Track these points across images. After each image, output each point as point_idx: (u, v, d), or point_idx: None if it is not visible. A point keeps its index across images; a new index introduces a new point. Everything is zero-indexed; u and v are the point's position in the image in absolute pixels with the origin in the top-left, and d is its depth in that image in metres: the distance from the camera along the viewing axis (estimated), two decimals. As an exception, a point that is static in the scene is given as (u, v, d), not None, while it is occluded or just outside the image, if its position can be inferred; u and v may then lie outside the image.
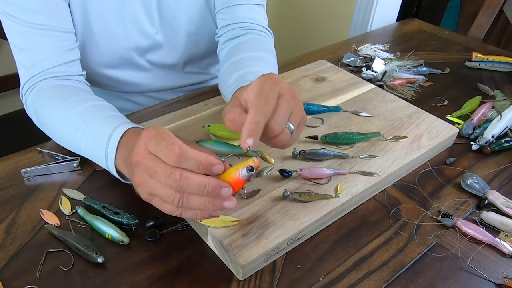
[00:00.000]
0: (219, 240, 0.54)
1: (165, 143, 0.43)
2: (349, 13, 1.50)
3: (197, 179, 0.43)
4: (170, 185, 0.43)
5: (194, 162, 0.43)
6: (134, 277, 0.53)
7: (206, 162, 0.43)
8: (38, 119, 0.68)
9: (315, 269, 0.55)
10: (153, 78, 0.89)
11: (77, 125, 0.60)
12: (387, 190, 0.68)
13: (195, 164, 0.43)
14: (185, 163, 0.43)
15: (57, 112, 0.63)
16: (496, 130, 0.77)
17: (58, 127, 0.64)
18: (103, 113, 0.61)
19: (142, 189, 0.46)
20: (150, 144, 0.44)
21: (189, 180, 0.43)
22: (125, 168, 0.55)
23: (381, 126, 0.77)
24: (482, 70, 1.06)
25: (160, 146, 0.43)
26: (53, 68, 0.67)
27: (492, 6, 1.28)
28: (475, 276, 0.56)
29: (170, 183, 0.43)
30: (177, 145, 0.42)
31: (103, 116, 0.60)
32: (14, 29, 0.66)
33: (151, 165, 0.44)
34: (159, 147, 0.43)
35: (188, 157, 0.42)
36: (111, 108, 0.64)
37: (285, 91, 0.50)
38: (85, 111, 0.62)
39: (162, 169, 0.43)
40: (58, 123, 0.63)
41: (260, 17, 0.83)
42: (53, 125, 0.65)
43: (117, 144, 0.56)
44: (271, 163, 0.67)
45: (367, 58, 1.04)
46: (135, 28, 0.78)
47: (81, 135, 0.60)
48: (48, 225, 0.58)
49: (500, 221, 0.62)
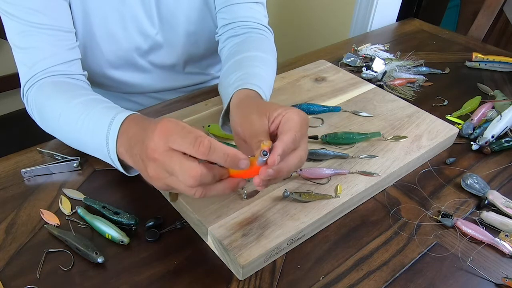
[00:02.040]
0: (219, 240, 0.54)
1: (192, 136, 0.43)
2: (349, 13, 1.50)
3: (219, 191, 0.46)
4: (191, 185, 0.44)
5: (222, 154, 0.43)
6: (134, 277, 0.53)
7: (233, 155, 0.44)
8: (40, 116, 0.67)
9: (315, 269, 0.55)
10: (153, 78, 0.89)
11: (76, 117, 0.60)
12: (387, 190, 0.68)
13: (223, 157, 0.43)
14: (213, 155, 0.43)
15: (57, 106, 0.63)
16: (496, 130, 0.77)
17: (59, 121, 0.63)
18: (102, 104, 0.61)
19: (158, 182, 0.47)
20: (172, 139, 0.44)
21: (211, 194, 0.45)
22: (129, 157, 0.53)
23: (381, 126, 0.77)
24: (482, 70, 1.06)
25: (187, 139, 0.43)
26: (54, 67, 0.67)
27: (492, 6, 1.28)
28: (475, 276, 0.56)
29: (191, 184, 0.44)
30: (206, 137, 0.43)
31: (102, 107, 0.60)
32: (14, 28, 0.66)
33: (169, 163, 0.44)
34: (185, 141, 0.43)
35: (217, 149, 0.43)
36: (110, 102, 0.63)
37: (305, 141, 0.51)
38: (84, 103, 0.61)
39: (181, 168, 0.44)
40: (59, 116, 0.63)
41: (260, 15, 0.83)
42: (54, 119, 0.64)
43: (118, 131, 0.54)
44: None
45: (367, 58, 1.04)
46: (135, 29, 0.78)
47: (81, 126, 0.59)
48: (48, 225, 0.58)
49: (500, 221, 0.62)
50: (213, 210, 0.58)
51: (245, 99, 0.61)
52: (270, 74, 0.72)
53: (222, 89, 0.71)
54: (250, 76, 0.66)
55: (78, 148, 0.65)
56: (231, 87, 0.65)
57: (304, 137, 0.51)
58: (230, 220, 0.57)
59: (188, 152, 0.44)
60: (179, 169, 0.44)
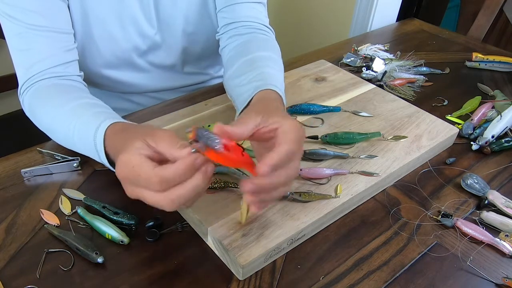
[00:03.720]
0: (219, 240, 0.54)
1: (142, 180, 0.44)
2: (349, 13, 1.50)
3: (186, 191, 0.43)
4: (169, 208, 0.44)
5: (178, 176, 0.43)
6: (134, 277, 0.53)
7: (185, 167, 0.43)
8: (35, 119, 0.68)
9: (315, 269, 0.55)
10: (153, 78, 0.89)
11: (67, 123, 0.61)
12: (387, 190, 0.68)
13: (180, 177, 0.43)
14: (170, 184, 0.43)
15: (50, 111, 0.64)
16: (496, 130, 0.77)
17: (53, 126, 0.64)
18: (92, 109, 0.61)
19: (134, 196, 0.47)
20: (130, 182, 0.46)
21: (183, 196, 0.44)
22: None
23: (381, 126, 0.77)
24: (482, 70, 1.06)
25: (141, 183, 0.44)
26: (51, 69, 0.67)
27: (492, 6, 1.28)
28: (475, 276, 0.56)
29: (168, 207, 0.44)
30: (153, 175, 0.43)
31: (92, 112, 0.60)
32: (12, 29, 0.66)
33: (140, 197, 0.46)
34: (140, 184, 0.44)
35: (170, 177, 0.43)
36: (102, 106, 0.64)
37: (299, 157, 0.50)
38: (76, 108, 0.62)
39: (152, 199, 0.44)
40: (52, 122, 0.64)
41: (262, 15, 0.83)
42: (48, 124, 0.65)
43: (103, 140, 0.55)
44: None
45: (367, 58, 1.04)
46: (134, 30, 0.78)
47: (72, 133, 0.60)
48: (48, 225, 0.58)
49: (500, 221, 0.62)
50: (213, 210, 0.58)
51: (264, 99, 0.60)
52: (282, 74, 0.72)
53: (233, 88, 0.70)
54: (267, 76, 0.66)
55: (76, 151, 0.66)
56: (247, 86, 0.64)
57: (298, 153, 0.49)
58: (230, 220, 0.57)
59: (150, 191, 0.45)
60: (150, 199, 0.44)
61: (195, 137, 0.44)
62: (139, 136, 0.47)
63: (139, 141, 0.46)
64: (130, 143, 0.46)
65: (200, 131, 0.44)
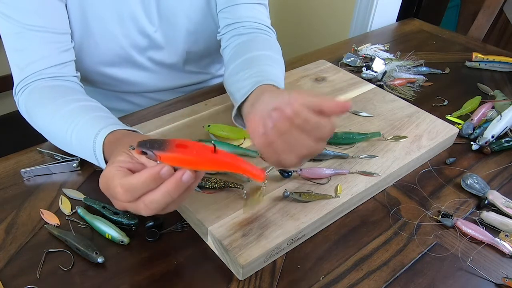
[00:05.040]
0: (219, 240, 0.54)
1: (111, 190, 0.44)
2: (349, 13, 1.50)
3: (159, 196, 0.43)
4: (148, 213, 0.45)
5: (141, 184, 0.43)
6: (134, 277, 0.53)
7: (150, 176, 0.42)
8: (31, 120, 0.68)
9: (315, 269, 0.55)
10: (153, 77, 0.89)
11: (65, 127, 0.60)
12: (387, 190, 0.68)
13: (144, 185, 0.43)
14: (136, 192, 0.43)
15: (47, 114, 0.64)
16: (496, 130, 0.77)
17: (49, 129, 0.64)
18: (90, 113, 0.61)
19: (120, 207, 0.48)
20: (107, 193, 0.46)
21: (155, 203, 0.43)
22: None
23: (381, 126, 0.77)
24: (482, 70, 1.06)
25: (111, 194, 0.45)
26: (46, 69, 0.67)
27: (492, 6, 1.28)
28: (475, 276, 0.56)
29: (148, 215, 0.45)
30: (118, 186, 0.43)
31: (89, 117, 0.60)
32: (8, 29, 0.66)
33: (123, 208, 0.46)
34: (111, 195, 0.46)
35: (134, 186, 0.43)
36: (99, 109, 0.63)
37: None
38: (73, 111, 0.61)
39: (130, 208, 0.45)
40: (49, 124, 0.64)
41: (263, 16, 0.83)
42: (45, 127, 0.65)
43: (102, 149, 0.56)
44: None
45: (367, 58, 1.04)
46: (133, 27, 0.78)
47: (70, 137, 0.60)
48: (48, 225, 0.58)
49: (500, 221, 0.62)
50: (213, 210, 0.58)
51: (270, 88, 0.60)
52: (283, 73, 0.71)
53: (232, 84, 0.70)
54: (267, 73, 0.65)
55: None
56: (247, 81, 0.64)
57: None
58: (230, 220, 0.57)
59: (120, 201, 0.45)
60: (129, 207, 0.45)
61: (140, 152, 0.43)
62: (124, 148, 0.48)
63: (123, 153, 0.47)
64: (114, 156, 0.47)
65: (143, 143, 0.43)
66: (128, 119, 0.79)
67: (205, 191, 0.61)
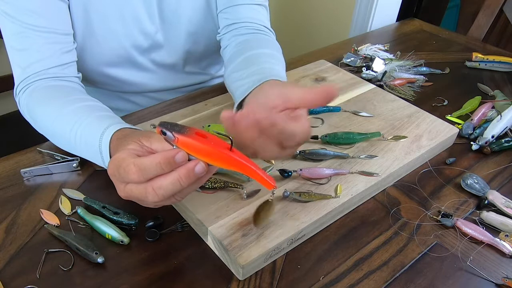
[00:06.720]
0: (219, 240, 0.54)
1: (122, 170, 0.44)
2: (349, 13, 1.50)
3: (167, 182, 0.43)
4: (154, 203, 0.45)
5: (154, 165, 0.43)
6: (134, 277, 0.53)
7: (164, 159, 0.43)
8: (32, 120, 0.68)
9: (315, 269, 0.55)
10: (153, 77, 0.89)
11: (69, 126, 0.60)
12: (387, 190, 0.68)
13: (157, 167, 0.43)
14: (148, 173, 0.43)
15: (50, 114, 0.63)
16: (496, 130, 0.77)
17: (51, 129, 0.64)
18: (94, 113, 0.61)
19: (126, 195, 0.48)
20: (116, 178, 0.46)
21: (163, 189, 0.43)
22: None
23: (381, 126, 0.77)
24: (482, 70, 1.06)
25: (121, 175, 0.44)
26: (47, 70, 0.67)
27: (492, 6, 1.28)
28: (475, 276, 0.56)
29: (153, 202, 0.44)
30: (131, 164, 0.43)
31: (95, 116, 0.60)
32: (10, 29, 0.66)
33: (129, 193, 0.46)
34: (121, 176, 0.45)
35: (147, 166, 0.43)
36: (103, 108, 0.63)
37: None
38: (77, 111, 0.61)
39: (137, 191, 0.45)
40: (51, 124, 0.63)
41: (263, 17, 0.83)
42: (47, 127, 0.65)
43: (109, 146, 0.55)
44: (271, 163, 0.67)
45: (367, 58, 1.04)
46: (135, 27, 0.78)
47: (74, 136, 0.60)
48: (48, 225, 0.58)
49: (500, 221, 0.62)
50: (213, 210, 0.58)
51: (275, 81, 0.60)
52: (284, 70, 0.71)
53: (233, 82, 0.70)
54: (268, 70, 0.65)
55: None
56: (248, 79, 0.64)
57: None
58: (230, 220, 0.57)
59: (130, 182, 0.45)
60: (137, 193, 0.45)
61: (160, 131, 0.44)
62: (134, 139, 0.48)
63: (133, 143, 0.47)
64: (124, 145, 0.48)
65: (164, 123, 0.44)
66: (128, 119, 0.79)
67: (205, 191, 0.61)
